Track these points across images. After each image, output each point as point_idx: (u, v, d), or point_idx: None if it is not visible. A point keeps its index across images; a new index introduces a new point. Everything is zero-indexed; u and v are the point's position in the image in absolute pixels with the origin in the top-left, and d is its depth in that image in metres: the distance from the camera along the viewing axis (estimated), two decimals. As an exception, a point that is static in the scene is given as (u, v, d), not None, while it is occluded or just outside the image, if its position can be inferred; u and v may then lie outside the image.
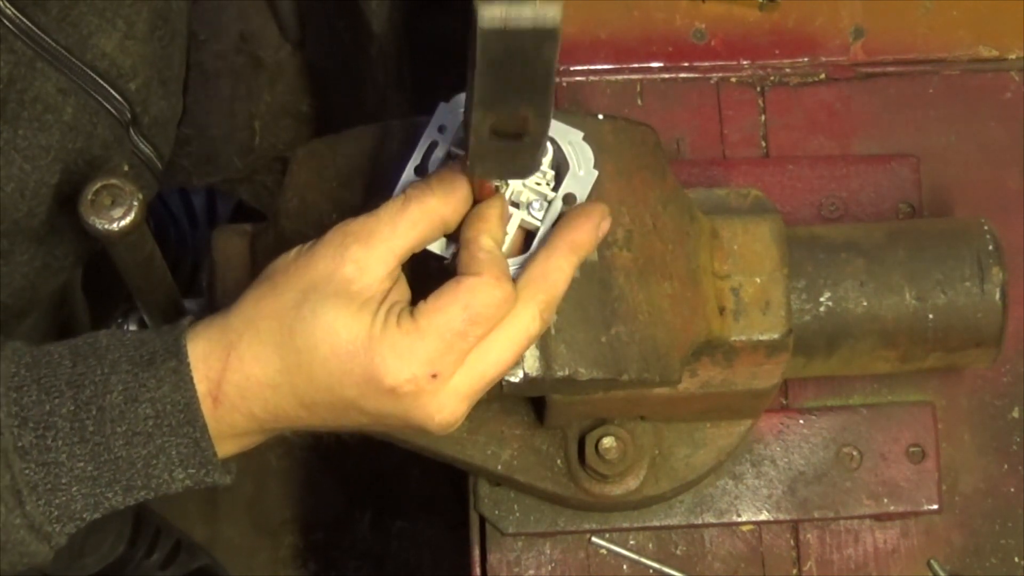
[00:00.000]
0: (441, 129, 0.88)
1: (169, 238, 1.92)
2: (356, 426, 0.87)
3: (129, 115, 1.07)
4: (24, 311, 1.12)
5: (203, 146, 2.09)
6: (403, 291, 0.86)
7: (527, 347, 0.87)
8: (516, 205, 0.88)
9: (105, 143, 1.06)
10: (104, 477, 0.84)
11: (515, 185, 0.87)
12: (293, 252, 0.86)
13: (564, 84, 1.28)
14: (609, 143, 0.97)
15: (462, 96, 0.87)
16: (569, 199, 0.87)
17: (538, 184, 0.88)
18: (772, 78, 1.29)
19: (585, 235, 0.87)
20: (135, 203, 0.94)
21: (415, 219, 0.84)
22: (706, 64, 1.29)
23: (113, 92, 1.05)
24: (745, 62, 1.29)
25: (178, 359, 0.84)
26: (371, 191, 0.99)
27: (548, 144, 0.88)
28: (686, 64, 1.29)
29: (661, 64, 1.29)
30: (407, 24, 2.01)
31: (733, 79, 1.29)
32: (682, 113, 1.28)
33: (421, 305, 0.83)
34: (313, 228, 1.00)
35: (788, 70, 1.29)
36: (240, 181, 2.09)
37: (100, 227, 0.94)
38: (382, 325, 0.83)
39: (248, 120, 2.12)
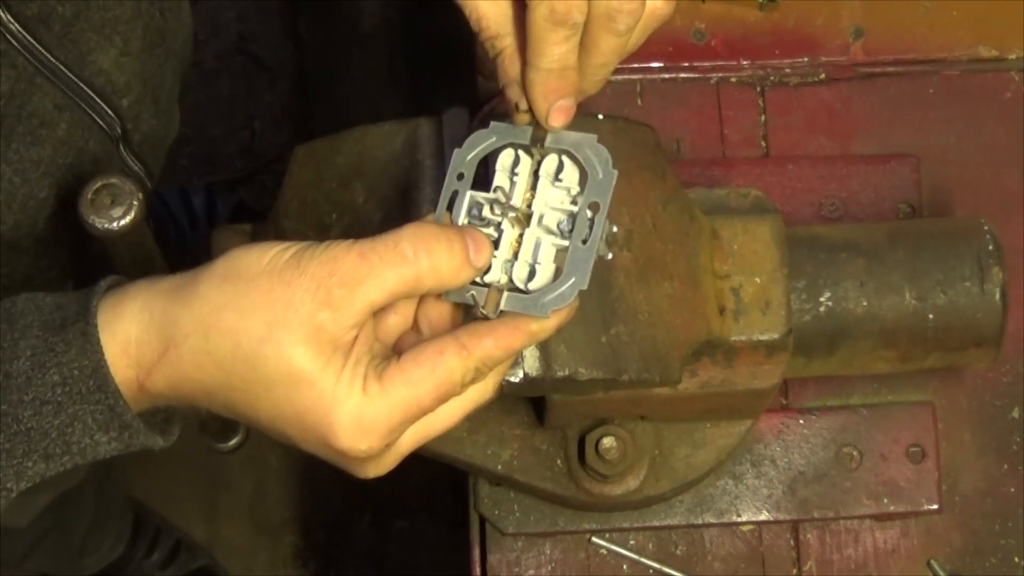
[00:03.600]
0: (460, 177, 0.85)
1: (169, 238, 1.92)
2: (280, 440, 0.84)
3: (120, 131, 1.07)
4: None
5: (203, 146, 2.09)
6: (369, 335, 0.81)
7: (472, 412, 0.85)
8: (549, 231, 0.84)
9: (95, 159, 1.06)
10: (18, 448, 0.80)
11: (539, 209, 0.85)
12: (271, 254, 0.79)
13: (564, 84, 1.28)
14: (609, 143, 0.97)
15: (476, 136, 0.86)
16: (593, 207, 0.84)
17: (562, 203, 0.85)
18: (772, 78, 1.29)
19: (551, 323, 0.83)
20: (135, 202, 0.94)
21: (406, 278, 0.79)
22: (706, 64, 1.29)
23: (106, 108, 1.05)
24: (745, 62, 1.29)
25: (86, 321, 0.79)
26: (370, 192, 0.99)
27: (567, 159, 0.85)
28: (686, 64, 1.29)
29: (661, 64, 1.29)
30: (404, 24, 2.01)
31: (733, 79, 1.29)
32: (682, 113, 1.28)
33: (394, 368, 0.79)
34: (313, 228, 1.00)
35: (788, 70, 1.29)
36: (240, 181, 2.09)
37: (100, 226, 0.94)
38: (348, 386, 0.78)
39: (248, 120, 2.12)
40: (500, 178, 0.85)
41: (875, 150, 1.27)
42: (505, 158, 0.86)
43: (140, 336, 0.79)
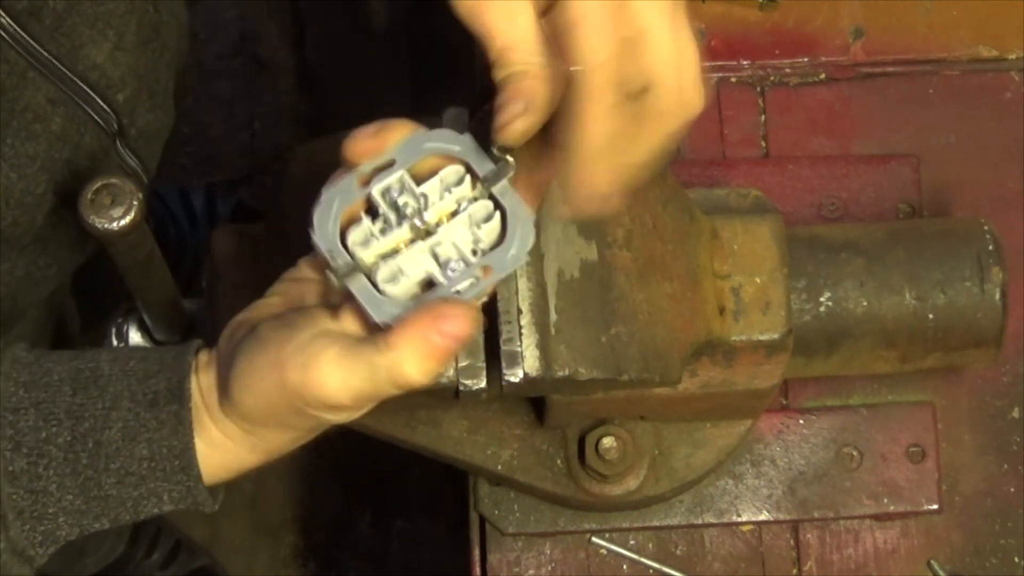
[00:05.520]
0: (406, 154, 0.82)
1: (169, 238, 1.92)
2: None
3: (116, 126, 1.07)
4: (7, 322, 1.12)
5: (203, 146, 2.09)
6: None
7: None
8: (435, 257, 0.81)
9: (92, 154, 1.05)
10: (92, 512, 0.83)
11: (442, 237, 0.81)
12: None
13: (564, 84, 1.28)
14: (609, 143, 0.97)
15: (445, 133, 0.82)
16: (486, 271, 0.80)
17: (464, 247, 0.81)
18: (772, 78, 1.29)
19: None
20: (135, 202, 0.94)
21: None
22: (706, 64, 1.29)
23: (101, 103, 1.05)
24: (745, 62, 1.29)
25: (180, 403, 0.82)
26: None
27: (497, 213, 0.81)
28: (686, 64, 1.29)
29: (661, 64, 1.29)
30: (408, 24, 2.01)
31: (733, 79, 1.29)
32: (682, 113, 1.27)
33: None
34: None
35: (788, 70, 1.29)
36: (240, 181, 2.09)
37: (100, 226, 0.94)
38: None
39: (248, 120, 2.12)
40: (432, 187, 0.81)
41: (875, 150, 1.27)
42: (450, 173, 0.81)
43: (234, 459, 0.85)
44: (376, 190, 0.81)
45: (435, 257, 0.81)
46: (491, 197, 0.81)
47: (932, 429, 1.20)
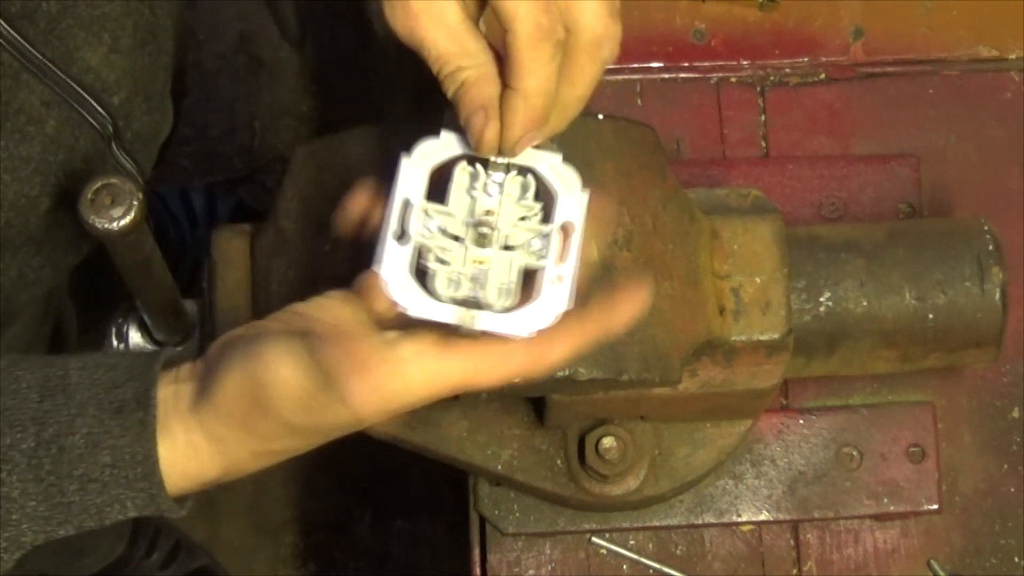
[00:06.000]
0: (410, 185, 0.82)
1: (169, 238, 1.92)
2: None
3: (111, 129, 1.07)
4: (2, 322, 1.12)
5: (203, 146, 2.09)
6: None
7: None
8: (508, 248, 0.81)
9: (87, 156, 1.05)
10: (55, 518, 0.83)
11: (504, 228, 0.82)
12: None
13: (564, 84, 1.28)
14: (609, 143, 0.97)
15: (427, 146, 0.83)
16: (568, 227, 0.82)
17: (526, 219, 0.82)
18: (772, 78, 1.29)
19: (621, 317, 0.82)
20: (135, 202, 0.94)
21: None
22: (706, 64, 1.29)
23: (96, 106, 1.05)
24: (745, 62, 1.29)
25: (145, 411, 0.82)
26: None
27: (531, 177, 0.83)
28: (686, 64, 1.29)
29: (661, 64, 1.29)
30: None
31: (733, 79, 1.29)
32: (682, 113, 1.28)
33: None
34: (313, 228, 1.00)
35: (788, 70, 1.29)
36: (240, 181, 2.09)
37: (100, 226, 0.94)
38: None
39: (248, 120, 2.12)
40: (457, 193, 0.82)
41: (875, 150, 1.27)
42: (461, 172, 0.82)
43: (196, 469, 0.84)
44: (418, 237, 0.81)
45: (517, 250, 0.81)
46: (508, 167, 0.82)
47: (932, 429, 1.20)
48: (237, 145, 2.11)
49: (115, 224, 0.94)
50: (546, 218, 0.82)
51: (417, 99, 2.04)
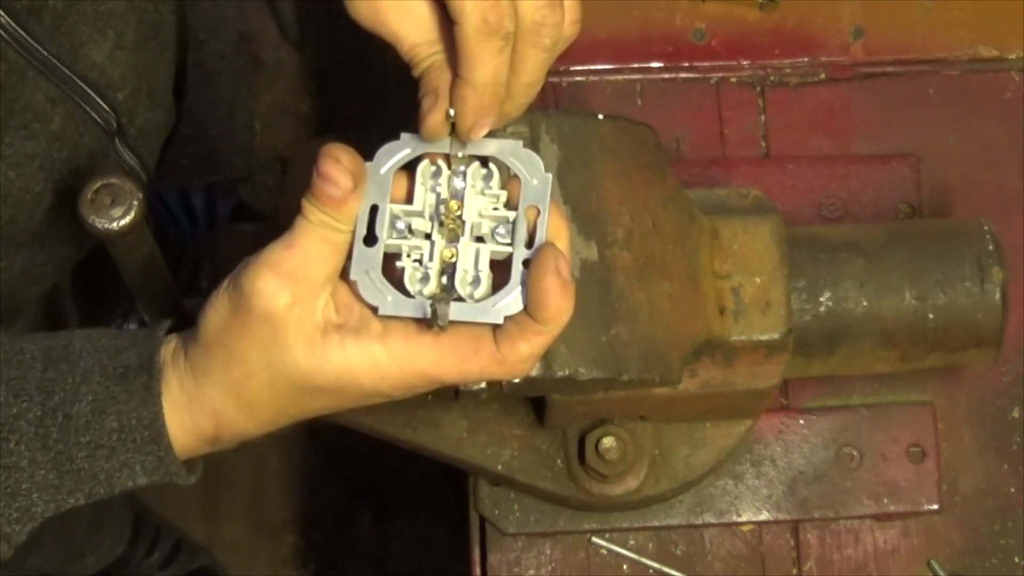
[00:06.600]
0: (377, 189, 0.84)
1: (169, 238, 1.92)
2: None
3: (115, 125, 1.07)
4: (4, 318, 1.12)
5: (203, 146, 2.09)
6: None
7: None
8: (480, 239, 0.83)
9: (91, 153, 1.06)
10: (65, 486, 0.83)
11: (471, 219, 0.83)
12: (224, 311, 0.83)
13: (564, 84, 1.28)
14: (609, 143, 0.97)
15: (388, 148, 0.84)
16: (532, 212, 0.82)
17: (495, 209, 0.83)
18: (772, 78, 1.29)
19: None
20: (135, 202, 0.94)
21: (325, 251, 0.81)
22: (706, 64, 1.29)
23: (101, 102, 1.05)
24: (745, 62, 1.29)
25: (150, 374, 0.83)
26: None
27: (492, 165, 0.84)
28: (686, 64, 1.29)
29: (661, 64, 1.29)
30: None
31: (733, 79, 1.29)
32: (682, 113, 1.28)
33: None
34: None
35: (788, 70, 1.29)
36: (240, 181, 2.09)
37: (100, 226, 0.94)
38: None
39: (248, 120, 2.12)
40: (422, 191, 0.83)
41: (875, 150, 1.27)
42: (425, 169, 0.84)
43: (189, 419, 0.84)
44: (387, 240, 0.82)
45: (481, 239, 0.83)
46: (469, 159, 0.83)
47: (932, 429, 1.20)
48: (237, 145, 2.11)
49: (115, 224, 0.94)
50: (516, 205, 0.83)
51: (417, 99, 2.04)
